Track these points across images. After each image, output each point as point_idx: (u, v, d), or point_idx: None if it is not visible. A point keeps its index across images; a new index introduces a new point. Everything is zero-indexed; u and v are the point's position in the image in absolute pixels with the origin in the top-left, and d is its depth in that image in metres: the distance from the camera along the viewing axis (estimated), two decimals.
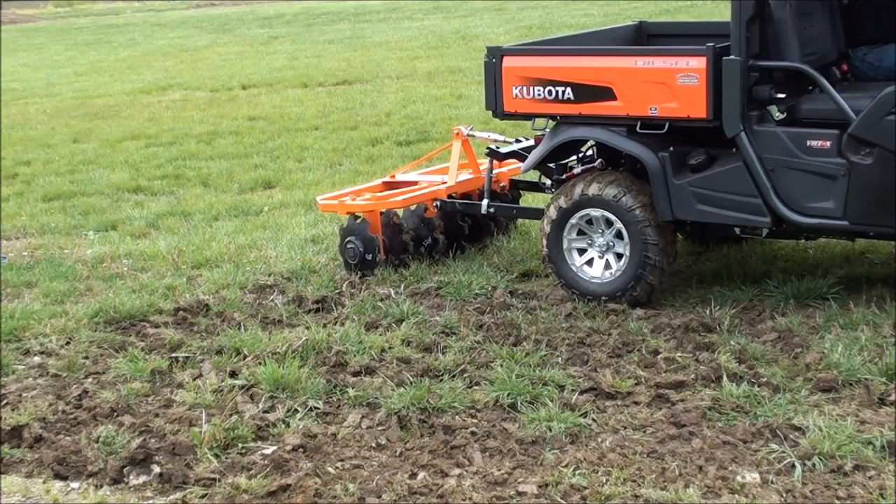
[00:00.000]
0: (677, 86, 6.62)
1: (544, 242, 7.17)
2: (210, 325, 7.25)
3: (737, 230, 7.00)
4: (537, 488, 4.82)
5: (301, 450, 5.34)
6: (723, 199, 6.66)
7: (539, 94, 7.11)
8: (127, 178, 12.62)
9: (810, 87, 6.70)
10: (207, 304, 7.61)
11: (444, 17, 33.34)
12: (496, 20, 30.61)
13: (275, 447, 5.39)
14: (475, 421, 5.53)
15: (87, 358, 6.83)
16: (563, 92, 7.01)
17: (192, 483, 5.11)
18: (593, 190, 6.93)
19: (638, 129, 6.84)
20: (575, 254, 7.13)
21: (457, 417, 5.56)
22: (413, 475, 5.03)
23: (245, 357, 6.54)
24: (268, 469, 5.16)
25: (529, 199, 9.19)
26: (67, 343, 7.12)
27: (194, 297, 7.78)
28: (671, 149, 6.78)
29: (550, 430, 5.33)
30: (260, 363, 6.35)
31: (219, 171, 12.73)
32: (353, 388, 6.00)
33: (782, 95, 6.65)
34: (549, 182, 7.79)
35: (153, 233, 10.06)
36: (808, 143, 6.40)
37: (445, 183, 8.28)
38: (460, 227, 8.33)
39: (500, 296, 7.34)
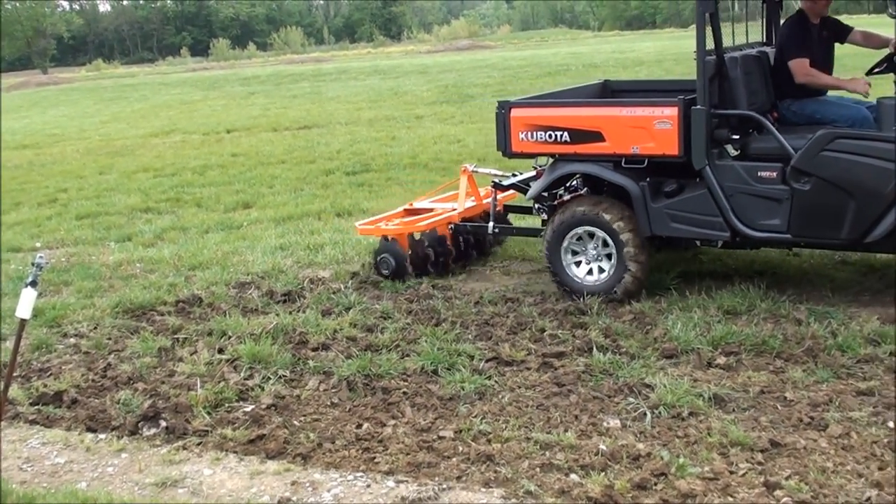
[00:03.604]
0: (655, 130, 6.39)
1: (545, 247, 6.91)
2: (203, 313, 7.12)
3: (697, 242, 6.84)
4: (453, 433, 4.79)
5: (273, 407, 5.27)
6: (691, 218, 6.46)
7: (541, 138, 6.83)
8: (139, 201, 12.44)
9: (751, 130, 6.52)
10: (201, 297, 7.50)
11: (381, 78, 33.36)
12: (420, 80, 30.65)
13: (253, 406, 5.31)
14: (406, 383, 5.48)
15: (110, 339, 6.71)
16: (561, 135, 6.74)
17: (191, 434, 5.04)
18: (592, 211, 6.69)
19: (623, 164, 6.61)
20: (569, 256, 6.84)
21: (392, 381, 5.51)
22: (359, 426, 4.97)
23: (230, 337, 6.43)
24: (248, 422, 5.09)
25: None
26: (95, 328, 6.99)
27: (191, 292, 7.66)
28: (649, 179, 6.58)
29: (463, 390, 5.30)
30: (241, 342, 6.26)
31: (209, 195, 12.57)
32: (312, 360, 5.92)
33: (737, 136, 6.52)
34: (541, 206, 7.33)
35: (159, 243, 9.89)
36: (759, 173, 6.23)
37: (456, 209, 7.93)
38: (468, 248, 7.93)
39: (425, 289, 7.29)
